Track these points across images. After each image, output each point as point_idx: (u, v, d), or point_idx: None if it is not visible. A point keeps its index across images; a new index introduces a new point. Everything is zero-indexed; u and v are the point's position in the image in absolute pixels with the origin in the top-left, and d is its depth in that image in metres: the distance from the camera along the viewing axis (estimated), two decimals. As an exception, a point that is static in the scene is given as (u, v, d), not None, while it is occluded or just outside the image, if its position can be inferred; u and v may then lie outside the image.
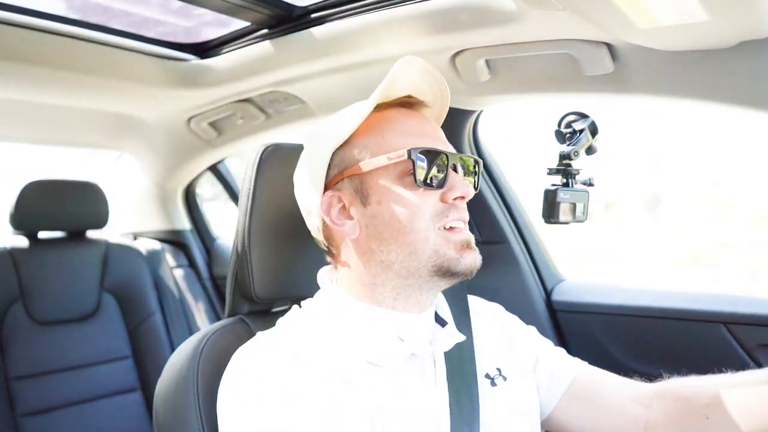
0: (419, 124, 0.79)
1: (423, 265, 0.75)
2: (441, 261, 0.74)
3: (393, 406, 0.72)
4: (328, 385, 0.69)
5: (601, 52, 1.08)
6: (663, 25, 0.89)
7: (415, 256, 0.74)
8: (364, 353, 0.74)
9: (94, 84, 1.60)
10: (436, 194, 0.75)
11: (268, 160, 0.92)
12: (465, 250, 0.76)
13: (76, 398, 1.83)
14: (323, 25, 1.30)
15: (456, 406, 0.76)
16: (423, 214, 0.74)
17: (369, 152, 0.76)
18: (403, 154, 0.74)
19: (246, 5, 1.26)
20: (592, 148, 1.10)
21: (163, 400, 0.84)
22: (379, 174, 0.76)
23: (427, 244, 0.74)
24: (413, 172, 0.74)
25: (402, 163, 0.74)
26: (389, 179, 0.75)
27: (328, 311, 0.80)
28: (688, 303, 1.31)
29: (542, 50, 1.14)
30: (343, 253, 0.81)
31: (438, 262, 0.74)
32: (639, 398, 0.88)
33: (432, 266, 0.74)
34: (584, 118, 1.11)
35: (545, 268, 1.57)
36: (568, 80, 1.18)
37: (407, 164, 0.74)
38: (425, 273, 0.75)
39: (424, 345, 0.79)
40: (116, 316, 1.99)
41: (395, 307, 0.78)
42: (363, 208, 0.77)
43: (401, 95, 0.81)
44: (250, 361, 0.72)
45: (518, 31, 1.09)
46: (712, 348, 1.26)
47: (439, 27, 1.15)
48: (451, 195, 0.75)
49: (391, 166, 0.75)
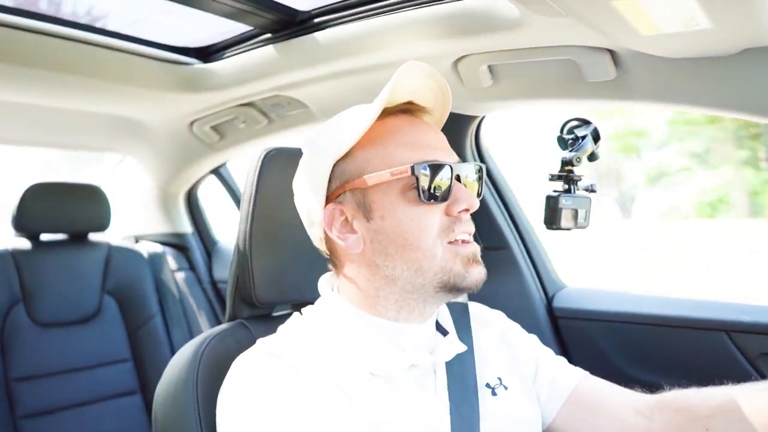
0: (422, 133, 0.78)
1: (429, 282, 0.74)
2: (447, 277, 0.73)
3: (393, 416, 0.71)
4: (327, 395, 0.69)
5: (603, 58, 1.08)
6: (666, 32, 0.89)
7: (421, 273, 0.73)
8: (364, 363, 0.74)
9: (97, 87, 1.60)
10: (441, 207, 0.74)
11: (270, 164, 0.92)
12: (471, 264, 0.75)
13: (77, 400, 1.83)
14: (326, 30, 1.30)
15: (456, 416, 0.76)
16: (429, 230, 0.73)
17: (371, 166, 0.74)
18: (406, 170, 0.72)
19: (249, 9, 1.26)
20: (595, 154, 1.10)
21: (162, 404, 0.83)
22: (382, 189, 0.74)
23: (434, 261, 0.73)
24: (417, 186, 0.72)
25: (405, 178, 0.73)
26: (393, 194, 0.74)
27: (328, 320, 0.79)
28: (690, 311, 1.30)
29: (545, 56, 1.14)
30: (346, 264, 0.80)
31: (444, 278, 0.73)
32: (640, 409, 0.87)
33: (438, 282, 0.74)
34: (587, 124, 1.11)
35: (546, 274, 1.57)
36: (570, 86, 1.18)
37: (411, 179, 0.73)
38: (431, 288, 0.74)
39: (425, 355, 0.78)
40: (117, 318, 1.99)
41: (398, 318, 0.78)
42: (366, 223, 0.75)
43: (402, 102, 0.79)
44: (250, 369, 0.72)
45: (521, 37, 1.10)
46: (713, 356, 1.25)
47: (442, 32, 1.15)
48: (456, 208, 0.74)
49: (394, 181, 0.73)
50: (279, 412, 0.66)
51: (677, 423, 0.83)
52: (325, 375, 0.71)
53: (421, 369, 0.77)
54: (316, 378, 0.70)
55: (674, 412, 0.84)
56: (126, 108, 1.85)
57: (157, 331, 2.03)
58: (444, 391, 0.77)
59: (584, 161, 1.08)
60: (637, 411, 0.87)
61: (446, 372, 0.79)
